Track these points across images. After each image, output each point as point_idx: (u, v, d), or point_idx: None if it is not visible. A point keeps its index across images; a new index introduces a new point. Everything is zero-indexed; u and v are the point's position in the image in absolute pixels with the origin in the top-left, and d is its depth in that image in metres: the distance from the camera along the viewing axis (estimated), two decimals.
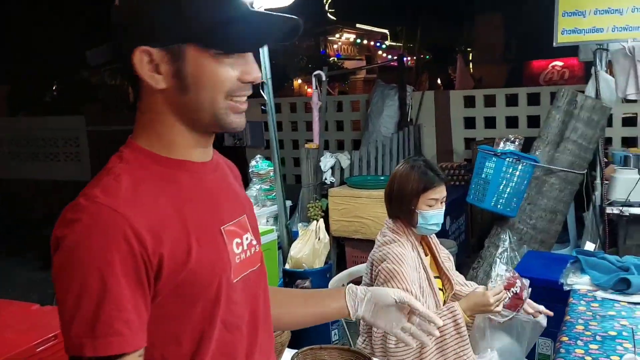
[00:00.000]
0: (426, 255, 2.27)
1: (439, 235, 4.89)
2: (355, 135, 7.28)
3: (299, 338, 2.35)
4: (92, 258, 0.88)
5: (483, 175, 3.86)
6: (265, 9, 3.50)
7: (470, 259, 5.48)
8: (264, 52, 3.57)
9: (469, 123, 6.67)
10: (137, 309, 0.91)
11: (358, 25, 16.16)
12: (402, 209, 2.17)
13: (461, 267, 5.05)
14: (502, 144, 3.87)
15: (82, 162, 8.55)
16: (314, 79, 4.69)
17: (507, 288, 2.02)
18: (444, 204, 2.19)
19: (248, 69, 1.00)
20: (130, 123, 1.06)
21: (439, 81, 14.95)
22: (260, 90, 3.63)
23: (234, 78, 0.99)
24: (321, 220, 3.61)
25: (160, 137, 1.02)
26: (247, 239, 1.11)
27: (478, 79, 15.06)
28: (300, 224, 4.03)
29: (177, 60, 0.96)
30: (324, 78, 4.68)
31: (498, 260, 2.55)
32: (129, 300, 0.89)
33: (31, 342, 2.07)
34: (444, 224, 4.87)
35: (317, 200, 4.70)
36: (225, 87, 0.98)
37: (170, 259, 0.94)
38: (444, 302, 2.24)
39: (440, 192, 2.15)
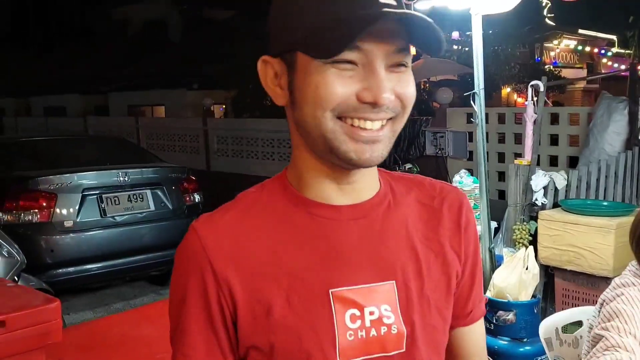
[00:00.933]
0: None
1: None
2: (572, 152, 6.58)
3: None
4: (177, 282, 0.88)
5: None
6: (482, 15, 3.26)
7: None
8: (479, 60, 3.32)
9: None
10: (203, 346, 0.85)
11: (580, 31, 14.77)
12: None
13: None
14: None
15: None
16: (530, 90, 4.28)
17: None
18: None
19: (371, 85, 0.77)
20: None
21: None
22: (471, 102, 3.38)
23: (349, 94, 0.77)
24: (531, 248, 3.25)
25: (295, 166, 0.88)
26: (373, 313, 0.84)
27: None
28: (506, 249, 3.68)
29: (292, 71, 0.82)
30: (541, 89, 4.26)
31: None
32: (194, 337, 0.85)
33: None
34: None
35: (525, 223, 4.28)
36: (331, 104, 0.77)
37: (247, 309, 0.83)
38: None
39: None
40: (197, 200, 5.28)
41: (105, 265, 4.69)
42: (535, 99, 4.25)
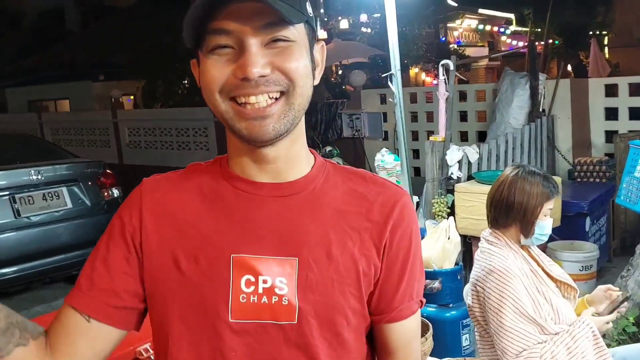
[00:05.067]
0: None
1: (579, 237, 4.49)
2: (480, 127, 6.95)
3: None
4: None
5: (637, 175, 3.46)
6: None
7: (611, 263, 5.03)
8: (394, 42, 3.43)
9: (611, 114, 6.10)
10: (106, 267, 0.93)
11: (480, 11, 15.42)
12: (523, 219, 2.07)
13: (602, 272, 4.66)
14: None
15: (210, 151, 8.91)
16: (440, 69, 4.46)
17: None
18: None
19: (241, 62, 0.83)
20: None
21: (569, 68, 13.97)
22: (389, 83, 3.49)
23: (227, 75, 0.85)
24: (451, 219, 3.42)
25: (228, 146, 0.97)
26: (266, 282, 0.89)
27: (615, 65, 13.90)
28: (428, 222, 3.85)
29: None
30: (451, 67, 4.45)
31: None
32: (100, 259, 0.94)
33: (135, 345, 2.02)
34: (583, 226, 4.53)
35: (443, 196, 4.49)
36: (214, 86, 0.86)
37: (155, 255, 0.93)
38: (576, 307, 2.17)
39: (555, 200, 2.12)
40: (116, 194, 5.11)
41: (22, 268, 4.45)
42: (445, 77, 4.42)
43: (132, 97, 14.40)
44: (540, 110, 6.19)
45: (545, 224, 2.08)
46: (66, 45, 16.61)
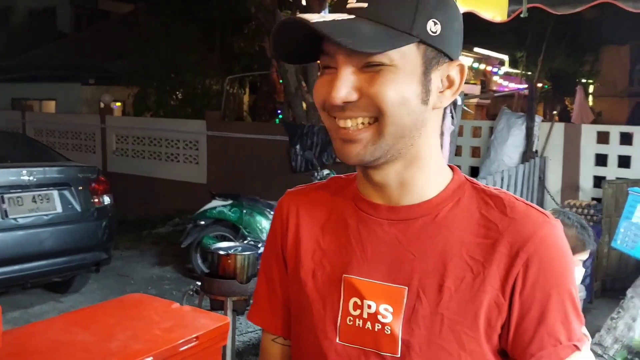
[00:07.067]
0: None
1: None
2: (473, 162, 7.02)
3: None
4: None
5: (634, 220, 3.51)
6: None
7: (592, 304, 5.10)
8: None
9: (599, 160, 6.24)
10: (269, 284, 1.02)
11: (476, 49, 15.70)
12: None
13: (583, 312, 4.70)
14: None
15: (200, 165, 8.82)
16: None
17: None
18: None
19: (332, 86, 0.83)
20: (248, 131, 1.04)
21: (554, 112, 14.29)
22: None
23: (327, 94, 0.83)
24: None
25: None
26: (370, 307, 0.86)
27: (598, 113, 14.28)
28: None
29: None
30: (459, 102, 4.48)
31: None
32: (262, 277, 1.03)
33: (175, 341, 2.13)
34: None
35: None
36: (320, 102, 0.86)
37: (289, 258, 0.98)
38: None
39: (587, 254, 2.07)
40: (107, 202, 4.98)
41: (6, 271, 4.29)
42: (453, 112, 4.45)
43: (118, 103, 14.23)
44: (534, 150, 6.30)
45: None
46: (56, 46, 16.41)
